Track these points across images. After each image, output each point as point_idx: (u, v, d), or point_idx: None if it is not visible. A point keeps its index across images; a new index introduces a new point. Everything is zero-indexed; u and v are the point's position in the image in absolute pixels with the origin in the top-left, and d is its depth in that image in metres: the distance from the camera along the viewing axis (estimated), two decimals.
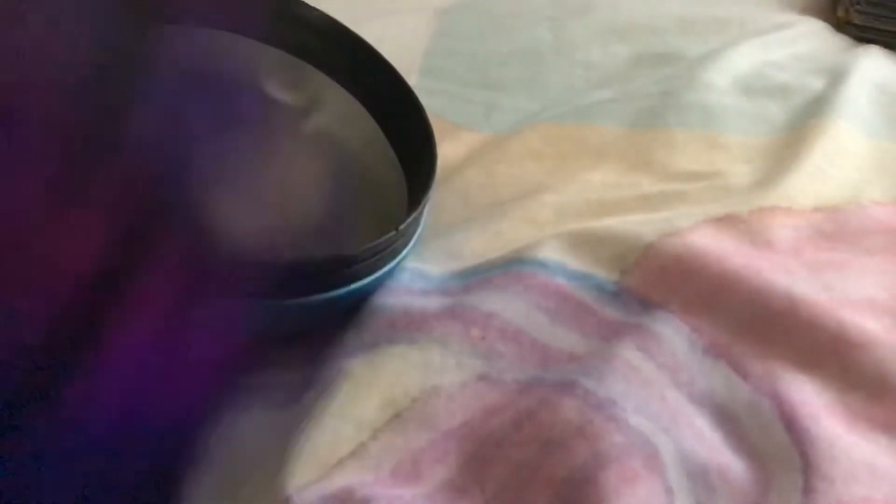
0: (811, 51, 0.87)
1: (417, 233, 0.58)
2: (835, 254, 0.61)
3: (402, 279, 0.58)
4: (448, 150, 0.74)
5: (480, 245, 0.63)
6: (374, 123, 0.67)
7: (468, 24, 0.91)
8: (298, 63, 0.67)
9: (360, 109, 0.67)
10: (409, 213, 0.55)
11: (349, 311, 0.56)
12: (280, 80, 0.68)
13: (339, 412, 0.49)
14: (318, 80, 0.68)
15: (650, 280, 0.57)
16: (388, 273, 0.56)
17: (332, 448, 0.48)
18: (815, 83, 0.79)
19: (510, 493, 0.46)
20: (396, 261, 0.56)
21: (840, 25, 0.94)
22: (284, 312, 0.52)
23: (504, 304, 0.55)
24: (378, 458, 0.48)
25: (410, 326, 0.54)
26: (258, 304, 0.51)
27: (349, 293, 0.53)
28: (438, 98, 0.80)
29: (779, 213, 0.63)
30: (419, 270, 0.60)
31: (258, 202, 0.66)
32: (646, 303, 0.57)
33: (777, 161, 0.69)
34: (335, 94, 0.68)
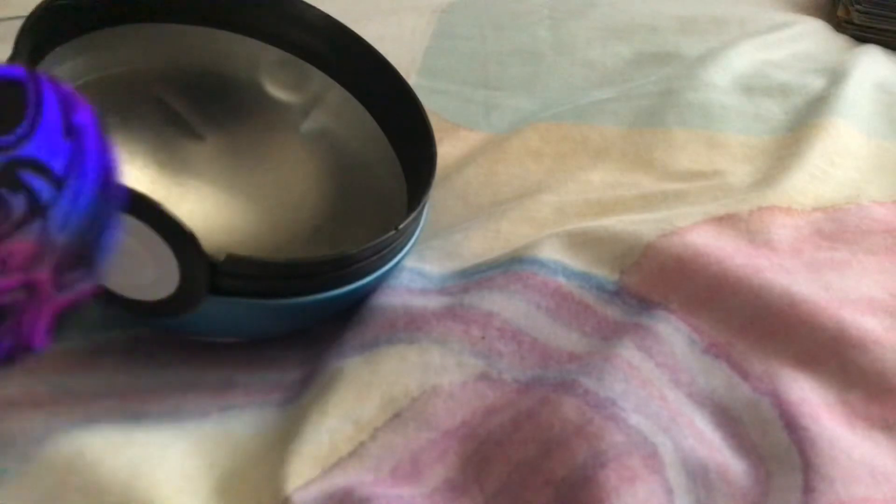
0: (811, 50, 0.87)
1: (417, 232, 0.58)
2: (835, 253, 0.61)
3: (402, 279, 0.58)
4: (448, 150, 0.74)
5: (480, 245, 0.63)
6: (374, 123, 0.67)
7: (468, 24, 0.91)
8: (298, 63, 0.68)
9: (360, 109, 0.67)
10: (409, 213, 0.55)
11: (349, 311, 0.56)
12: (280, 80, 0.68)
13: (339, 412, 0.49)
14: (318, 80, 0.68)
15: (650, 279, 0.57)
16: (388, 273, 0.56)
17: (332, 447, 0.48)
18: (815, 83, 0.79)
19: (510, 493, 0.46)
20: (396, 260, 0.56)
21: (840, 25, 0.94)
22: (284, 312, 0.52)
23: (504, 304, 0.55)
24: (378, 458, 0.48)
25: (410, 326, 0.54)
26: (258, 304, 0.51)
27: (349, 293, 0.53)
28: (438, 97, 0.80)
29: (778, 213, 0.63)
30: (419, 270, 0.60)
31: (258, 201, 0.66)
32: (645, 302, 0.57)
33: (777, 160, 0.69)
34: (335, 94, 0.68)
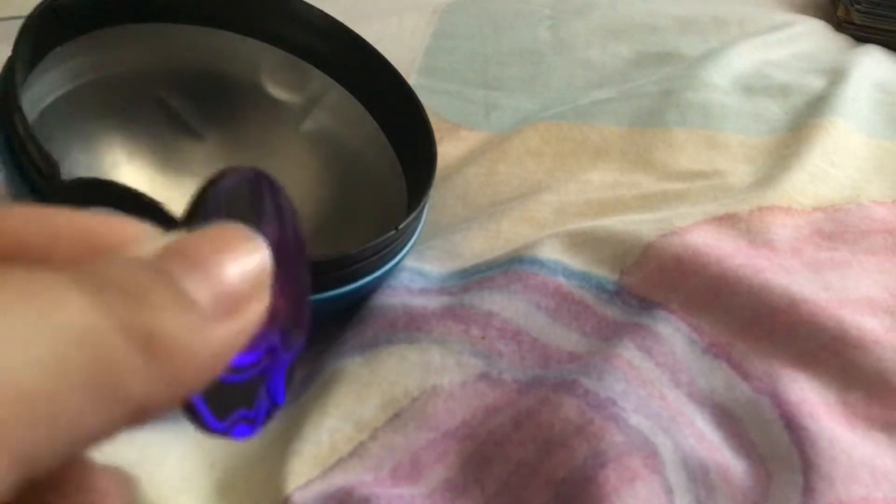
0: (811, 50, 0.87)
1: (417, 232, 0.58)
2: (835, 253, 0.61)
3: (402, 278, 0.58)
4: (448, 150, 0.74)
5: (480, 244, 0.62)
6: (374, 123, 0.67)
7: (468, 24, 0.91)
8: (298, 62, 0.67)
9: (360, 109, 0.67)
10: (409, 213, 0.55)
11: (349, 311, 0.56)
12: (280, 80, 0.68)
13: (339, 412, 0.49)
14: (319, 80, 0.68)
15: (650, 279, 0.57)
16: (388, 272, 0.56)
17: (332, 447, 0.48)
18: (816, 82, 0.79)
19: (510, 493, 0.46)
20: (396, 260, 0.56)
21: (840, 25, 0.94)
22: None
23: (504, 304, 0.55)
24: (378, 458, 0.48)
25: (410, 326, 0.54)
26: None
27: (348, 293, 0.53)
28: (438, 97, 0.80)
29: (778, 213, 0.63)
30: (419, 270, 0.60)
31: None
32: (645, 302, 0.57)
33: (777, 160, 0.69)
34: (335, 94, 0.68)
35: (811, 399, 0.50)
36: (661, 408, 0.49)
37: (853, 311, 0.55)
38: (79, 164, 0.60)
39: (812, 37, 0.90)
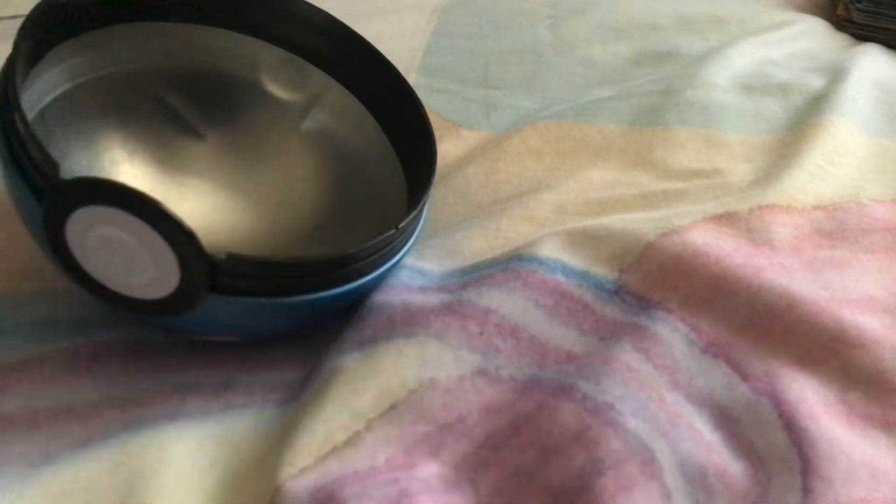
0: (811, 49, 0.87)
1: (417, 231, 0.58)
2: (834, 252, 0.61)
3: (402, 277, 0.58)
4: (448, 149, 0.74)
5: (480, 243, 0.63)
6: (374, 122, 0.67)
7: (468, 22, 0.91)
8: (298, 61, 0.68)
9: (360, 108, 0.67)
10: (409, 212, 0.55)
11: (348, 310, 0.56)
12: (281, 79, 0.68)
13: (335, 404, 0.49)
14: (318, 79, 0.68)
15: (649, 279, 0.57)
16: (388, 272, 0.56)
17: (326, 437, 0.48)
18: (816, 81, 0.79)
19: (504, 497, 0.46)
20: (396, 259, 0.56)
21: (840, 23, 0.94)
22: (284, 311, 0.52)
23: (502, 300, 0.55)
24: (372, 448, 0.48)
25: (409, 322, 0.54)
26: (258, 303, 0.51)
27: (348, 291, 0.53)
28: (438, 96, 0.80)
29: (778, 211, 0.63)
30: (419, 268, 0.60)
31: (258, 201, 0.66)
32: (644, 301, 0.57)
33: (777, 159, 0.69)
34: (335, 93, 0.68)
35: (810, 399, 0.50)
36: (660, 410, 0.49)
37: (853, 311, 0.55)
38: (79, 164, 0.60)
39: (812, 35, 0.90)
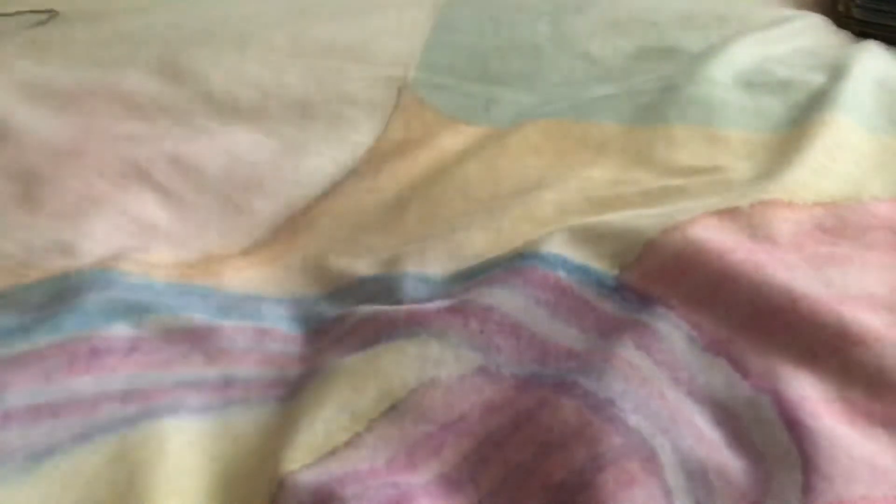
0: (812, 46, 0.87)
1: None
2: (835, 248, 0.61)
3: (407, 290, 0.58)
4: (447, 144, 0.74)
5: (481, 243, 0.62)
6: None
7: (467, 18, 0.91)
8: None
9: None
10: None
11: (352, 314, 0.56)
12: None
13: (335, 403, 0.49)
14: None
15: (650, 275, 0.57)
16: None
17: (327, 437, 0.48)
18: (816, 78, 0.79)
19: (505, 494, 0.46)
20: None
21: (840, 20, 0.94)
22: None
23: (503, 298, 0.55)
24: (373, 449, 0.48)
25: (410, 322, 0.54)
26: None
27: None
28: (437, 91, 0.80)
29: (780, 207, 0.62)
30: (422, 276, 0.60)
31: None
32: (645, 298, 0.56)
33: (778, 155, 0.69)
34: None
35: (811, 396, 0.50)
36: (661, 407, 0.49)
37: (854, 308, 0.55)
38: None
39: (813, 32, 0.90)
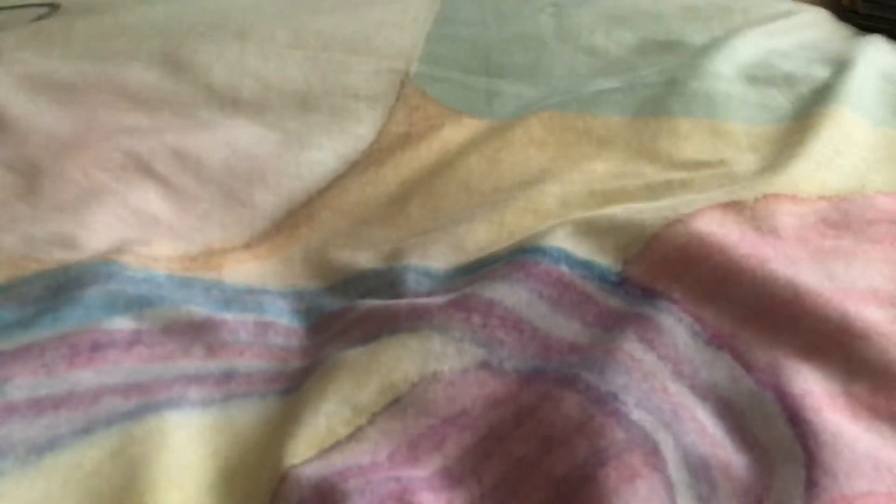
0: (816, 39, 0.87)
1: None
2: (839, 242, 0.61)
3: (409, 283, 0.58)
4: (450, 136, 0.73)
5: (484, 237, 0.62)
6: None
7: (470, 10, 0.90)
8: None
9: None
10: None
11: (354, 308, 0.56)
12: None
13: (337, 396, 0.49)
14: None
15: (653, 269, 0.57)
16: None
17: (329, 430, 0.48)
18: (820, 72, 0.79)
19: (507, 488, 0.46)
20: None
21: (844, 15, 0.94)
22: None
23: (506, 292, 0.55)
24: (375, 442, 0.48)
25: (412, 316, 0.54)
26: None
27: None
28: (440, 84, 0.79)
29: (784, 200, 0.62)
30: (424, 269, 0.60)
31: None
32: (648, 292, 0.56)
33: (782, 149, 0.69)
34: None
35: (815, 391, 0.50)
36: (663, 401, 0.49)
37: (857, 302, 0.55)
38: None
39: (816, 26, 0.90)
